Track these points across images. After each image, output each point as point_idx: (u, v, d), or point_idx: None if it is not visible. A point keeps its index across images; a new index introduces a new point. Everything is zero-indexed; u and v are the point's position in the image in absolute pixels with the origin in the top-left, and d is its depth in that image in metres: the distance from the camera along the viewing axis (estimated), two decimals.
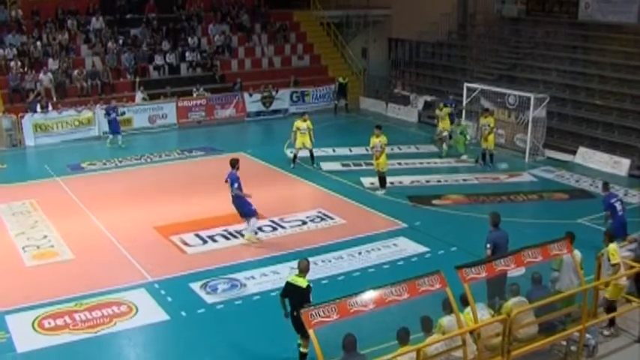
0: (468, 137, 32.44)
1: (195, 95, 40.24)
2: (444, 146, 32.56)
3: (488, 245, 16.23)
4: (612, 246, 15.90)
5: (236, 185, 21.61)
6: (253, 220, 22.07)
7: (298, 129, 30.38)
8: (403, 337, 12.68)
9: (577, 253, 15.73)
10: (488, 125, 30.44)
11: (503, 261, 13.79)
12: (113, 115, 34.95)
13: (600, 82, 35.06)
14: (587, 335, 14.81)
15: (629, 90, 33.52)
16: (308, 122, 30.62)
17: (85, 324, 17.39)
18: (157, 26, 44.65)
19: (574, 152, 31.82)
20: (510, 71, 39.37)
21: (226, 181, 21.75)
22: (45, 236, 23.14)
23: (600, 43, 37.33)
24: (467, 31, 46.52)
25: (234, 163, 22.06)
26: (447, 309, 13.33)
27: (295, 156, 30.65)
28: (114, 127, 35.05)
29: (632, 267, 16.16)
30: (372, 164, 27.98)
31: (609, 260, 15.80)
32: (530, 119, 31.55)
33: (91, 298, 18.60)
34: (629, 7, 36.50)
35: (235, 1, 48.54)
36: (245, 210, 21.98)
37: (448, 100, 34.79)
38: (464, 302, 13.52)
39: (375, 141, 26.91)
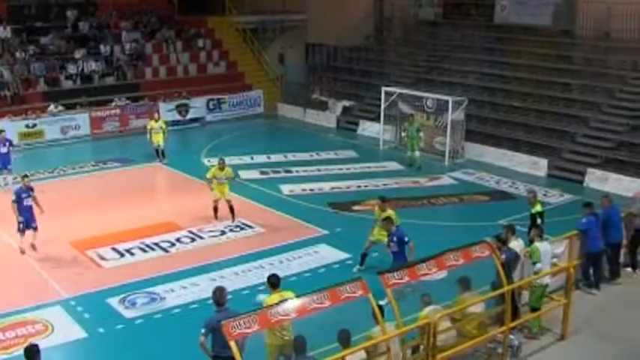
0: (422, 134, 31.81)
1: (113, 105, 39.47)
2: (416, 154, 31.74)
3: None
4: (535, 245, 15.92)
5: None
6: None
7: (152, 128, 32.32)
8: (345, 339, 12.56)
9: (520, 242, 16.15)
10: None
11: (425, 265, 13.64)
12: (5, 149, 29.54)
13: (517, 83, 35.44)
14: (511, 336, 14.79)
15: (546, 91, 34.00)
16: (161, 122, 32.68)
17: None
18: (69, 34, 43.75)
19: (493, 154, 32.03)
20: (428, 74, 39.56)
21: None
22: None
23: (516, 45, 37.80)
24: (384, 35, 46.64)
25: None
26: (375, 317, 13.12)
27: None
28: (4, 161, 29.60)
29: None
30: (290, 171, 27.70)
31: (531, 259, 15.84)
32: (449, 122, 31.66)
33: (3, 318, 17.99)
34: (544, 10, 37.13)
35: (148, 8, 47.80)
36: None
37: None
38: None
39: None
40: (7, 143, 29.77)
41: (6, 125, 35.44)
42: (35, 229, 22.29)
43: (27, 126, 36.62)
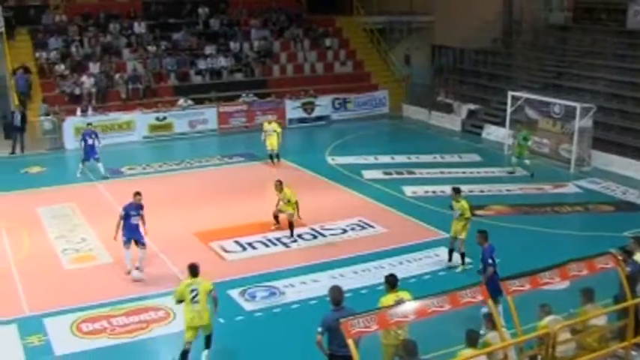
0: (530, 144, 31.35)
1: (241, 100, 40.16)
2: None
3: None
4: None
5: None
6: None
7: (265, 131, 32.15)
8: (473, 340, 12.61)
9: None
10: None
11: (547, 274, 13.44)
12: (91, 141, 31.10)
13: None
14: (633, 352, 14.41)
15: None
16: (274, 124, 32.24)
17: (123, 329, 17.44)
18: (200, 31, 44.73)
19: (621, 163, 31.26)
20: (556, 80, 38.81)
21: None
22: (84, 240, 23.23)
23: None
24: (512, 38, 45.94)
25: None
26: (490, 323, 13.01)
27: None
28: (90, 152, 30.95)
29: None
30: (413, 173, 27.60)
31: None
32: (577, 129, 31.03)
33: (128, 303, 18.63)
34: None
35: (277, 6, 48.43)
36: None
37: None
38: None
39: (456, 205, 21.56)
40: (94, 136, 31.18)
41: (137, 117, 36.84)
42: (143, 245, 20.59)
43: (157, 119, 37.69)
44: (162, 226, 24.15)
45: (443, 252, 21.74)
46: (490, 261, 17.20)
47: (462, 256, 20.63)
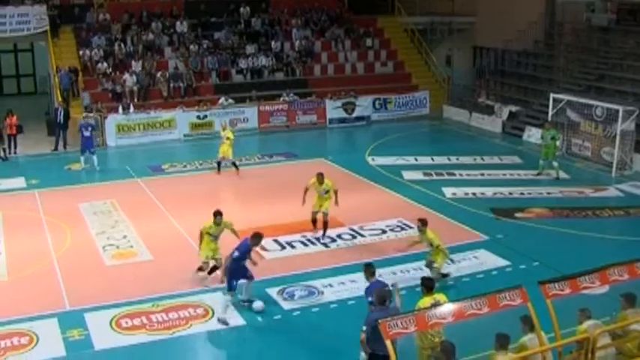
0: (558, 144, 31.29)
1: (281, 100, 40.35)
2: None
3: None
4: None
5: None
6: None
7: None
8: (505, 343, 12.49)
9: None
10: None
11: (587, 278, 13.37)
12: (87, 132, 32.09)
13: None
14: None
15: None
16: (227, 131, 31.31)
17: (161, 325, 17.56)
18: (241, 30, 44.93)
19: None
20: (598, 82, 38.49)
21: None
22: (125, 236, 23.42)
23: None
24: (554, 40, 45.64)
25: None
26: (528, 325, 12.95)
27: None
28: (87, 144, 32.10)
29: None
30: (453, 174, 27.53)
31: None
32: (619, 132, 30.77)
33: (167, 300, 18.75)
34: None
35: (319, 6, 48.51)
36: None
37: None
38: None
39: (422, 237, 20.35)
40: (90, 128, 31.95)
41: (178, 115, 37.07)
42: (251, 278, 18.61)
43: (198, 117, 37.92)
44: (202, 223, 24.28)
45: (482, 254, 21.70)
46: (370, 299, 14.82)
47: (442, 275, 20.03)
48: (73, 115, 35.86)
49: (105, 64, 39.85)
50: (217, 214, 19.99)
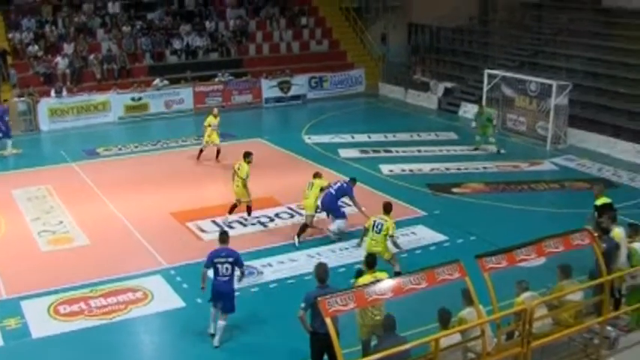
0: (495, 122, 31.52)
1: (216, 80, 40.04)
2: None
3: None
4: (635, 247, 15.66)
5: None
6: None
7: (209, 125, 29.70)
8: (446, 319, 12.74)
9: (622, 230, 15.80)
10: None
11: (524, 250, 13.49)
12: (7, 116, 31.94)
13: (624, 69, 34.40)
14: (608, 327, 14.52)
15: None
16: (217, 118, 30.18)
17: (100, 310, 17.39)
18: (175, 10, 44.47)
19: (596, 141, 31.42)
20: (532, 58, 38.91)
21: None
22: (60, 222, 23.08)
23: (625, 29, 36.59)
24: (488, 16, 46.01)
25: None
26: (466, 299, 13.06)
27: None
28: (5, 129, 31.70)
29: None
30: (390, 151, 27.68)
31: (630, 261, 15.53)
32: (552, 107, 31.15)
33: (106, 285, 18.58)
34: None
35: None
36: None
37: None
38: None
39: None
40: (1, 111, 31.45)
41: (112, 98, 36.67)
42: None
43: (132, 99, 37.50)
44: (139, 206, 24.18)
45: (420, 230, 21.88)
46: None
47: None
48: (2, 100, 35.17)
49: (36, 47, 39.08)
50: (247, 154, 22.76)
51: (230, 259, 15.80)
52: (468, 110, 37.27)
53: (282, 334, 15.97)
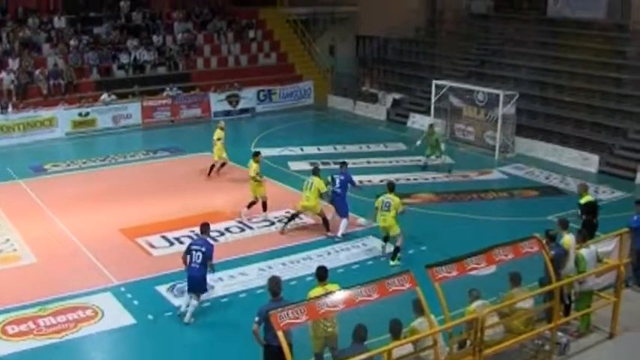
0: (443, 147, 30.30)
1: (164, 94, 39.81)
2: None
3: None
4: (581, 253, 15.89)
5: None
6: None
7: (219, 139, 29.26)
8: (397, 330, 12.68)
9: (572, 237, 15.96)
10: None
11: (474, 259, 13.60)
12: None
13: (570, 78, 34.96)
14: (559, 333, 14.69)
15: (598, 86, 33.59)
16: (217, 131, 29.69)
17: (50, 329, 17.08)
18: (122, 24, 44.18)
19: (544, 149, 31.77)
20: (479, 68, 39.29)
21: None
22: (7, 240, 22.67)
23: (569, 39, 37.19)
24: (435, 27, 46.38)
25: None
26: (418, 310, 13.09)
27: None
28: None
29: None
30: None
31: (577, 267, 15.70)
32: (500, 116, 31.46)
33: (55, 303, 18.26)
34: (598, 3, 36.74)
35: None
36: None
37: None
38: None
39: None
40: None
41: (59, 113, 36.29)
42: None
43: (80, 114, 37.10)
44: (87, 223, 23.86)
45: (370, 241, 21.93)
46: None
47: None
48: None
49: None
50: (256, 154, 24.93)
51: (202, 249, 17.31)
52: (417, 121, 37.54)
53: (235, 348, 15.87)
